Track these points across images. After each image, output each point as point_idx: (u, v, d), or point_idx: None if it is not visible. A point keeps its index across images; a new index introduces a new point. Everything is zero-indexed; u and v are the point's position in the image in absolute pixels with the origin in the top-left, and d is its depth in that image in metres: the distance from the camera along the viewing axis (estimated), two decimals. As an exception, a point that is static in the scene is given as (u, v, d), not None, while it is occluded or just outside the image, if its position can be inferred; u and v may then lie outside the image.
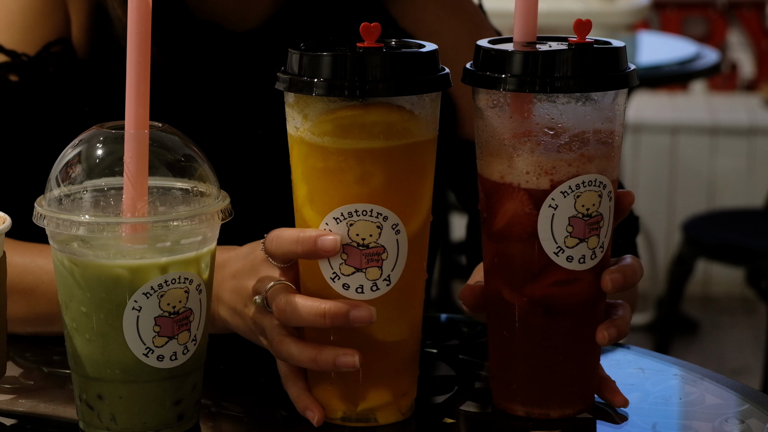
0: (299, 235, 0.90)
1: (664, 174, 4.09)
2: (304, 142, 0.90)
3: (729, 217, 3.13)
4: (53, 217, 0.87)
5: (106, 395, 0.89)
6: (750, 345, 3.67)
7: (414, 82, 0.88)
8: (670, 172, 4.09)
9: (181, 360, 0.89)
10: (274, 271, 0.94)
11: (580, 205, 0.90)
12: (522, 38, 0.92)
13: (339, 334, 0.91)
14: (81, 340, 0.89)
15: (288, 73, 0.89)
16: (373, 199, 0.88)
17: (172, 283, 0.88)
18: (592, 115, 0.90)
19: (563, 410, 0.94)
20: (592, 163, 0.90)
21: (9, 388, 0.99)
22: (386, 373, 0.92)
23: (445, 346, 1.07)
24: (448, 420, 0.94)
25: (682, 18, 4.54)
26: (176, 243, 0.88)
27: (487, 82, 0.90)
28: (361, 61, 0.87)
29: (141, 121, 0.88)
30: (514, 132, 0.90)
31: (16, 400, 0.97)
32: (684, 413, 0.95)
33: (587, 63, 0.89)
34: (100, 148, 0.90)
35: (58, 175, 0.90)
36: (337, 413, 0.92)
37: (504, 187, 0.91)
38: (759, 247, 2.87)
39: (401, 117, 0.89)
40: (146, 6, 0.88)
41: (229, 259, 0.99)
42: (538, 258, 0.91)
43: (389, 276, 0.90)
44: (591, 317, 0.93)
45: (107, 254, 0.87)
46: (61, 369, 1.01)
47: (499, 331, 0.94)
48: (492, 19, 1.31)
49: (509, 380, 0.94)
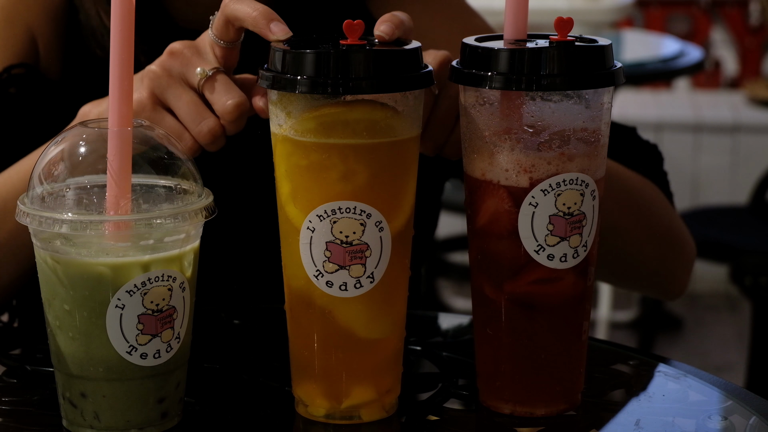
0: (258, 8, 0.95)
1: (649, 171, 4.09)
2: (287, 139, 0.90)
3: (713, 215, 3.14)
4: (36, 215, 0.87)
5: (89, 393, 0.89)
6: (734, 342, 3.68)
7: (397, 79, 0.88)
8: (654, 169, 4.09)
9: (165, 358, 0.89)
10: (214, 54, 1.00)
11: (561, 203, 0.90)
12: (512, 36, 0.92)
13: (322, 332, 0.91)
14: (64, 338, 0.89)
15: (271, 71, 0.89)
16: (357, 196, 0.88)
17: (156, 281, 0.88)
18: (575, 113, 0.89)
19: (548, 408, 0.94)
20: (573, 162, 0.90)
21: (-9, 386, 0.99)
22: (370, 371, 0.92)
23: (429, 344, 1.07)
24: (432, 417, 0.94)
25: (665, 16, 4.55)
26: (159, 241, 0.88)
27: (470, 79, 0.90)
28: (345, 58, 0.87)
29: (124, 119, 0.88)
30: (494, 129, 0.90)
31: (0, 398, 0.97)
32: (667, 410, 0.95)
33: (574, 61, 0.89)
34: (83, 146, 0.90)
35: (40, 173, 0.90)
36: (320, 411, 0.92)
37: (485, 184, 0.91)
38: (743, 245, 2.88)
39: (384, 114, 0.89)
40: (129, 4, 0.87)
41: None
42: (519, 255, 0.91)
43: (372, 273, 0.90)
44: (574, 316, 0.93)
45: (89, 252, 0.87)
46: (44, 367, 1.01)
47: (484, 329, 0.94)
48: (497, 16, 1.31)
49: (494, 378, 0.94)
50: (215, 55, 1.00)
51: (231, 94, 0.98)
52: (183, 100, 0.99)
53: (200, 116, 0.99)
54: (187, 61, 0.99)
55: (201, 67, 0.99)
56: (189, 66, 0.99)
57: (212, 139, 0.99)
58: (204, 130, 0.98)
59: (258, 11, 0.95)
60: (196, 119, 0.99)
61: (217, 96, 0.98)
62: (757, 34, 4.53)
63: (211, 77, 0.98)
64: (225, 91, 0.98)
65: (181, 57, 1.00)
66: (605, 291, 3.52)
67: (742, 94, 4.38)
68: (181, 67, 1.00)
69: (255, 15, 0.95)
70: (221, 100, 0.98)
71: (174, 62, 1.00)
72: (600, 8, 3.48)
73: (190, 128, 0.99)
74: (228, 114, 0.97)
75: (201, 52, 1.00)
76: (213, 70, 0.99)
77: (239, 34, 0.99)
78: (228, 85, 0.98)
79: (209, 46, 1.00)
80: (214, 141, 0.99)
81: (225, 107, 0.97)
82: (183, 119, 0.99)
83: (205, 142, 0.99)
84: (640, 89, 4.40)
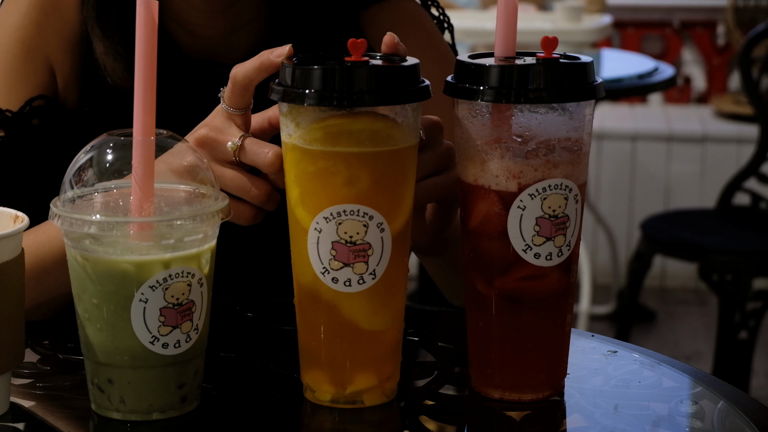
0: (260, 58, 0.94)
1: (625, 178, 4.09)
2: (296, 148, 0.89)
3: (683, 217, 3.14)
4: (67, 217, 0.87)
5: (115, 379, 0.89)
6: (702, 333, 3.68)
7: (397, 93, 0.88)
8: (630, 176, 4.10)
9: (184, 347, 0.89)
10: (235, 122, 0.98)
11: (547, 206, 0.90)
12: (502, 53, 0.92)
13: (328, 324, 0.90)
14: (92, 329, 0.89)
15: (282, 85, 0.89)
16: (360, 200, 0.88)
17: (176, 277, 0.87)
18: (559, 124, 0.89)
19: (534, 394, 0.93)
20: (557, 169, 0.89)
21: (27, 373, 0.98)
22: (372, 359, 0.91)
23: (425, 335, 1.07)
24: (428, 402, 0.93)
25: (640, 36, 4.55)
26: (179, 240, 0.87)
27: (464, 93, 0.90)
28: (349, 73, 0.87)
29: (148, 129, 0.87)
30: (485, 139, 0.90)
31: (34, 384, 0.96)
32: (643, 395, 0.94)
33: (559, 76, 0.88)
34: (110, 153, 0.90)
35: (71, 178, 0.89)
36: (326, 396, 0.92)
37: (477, 189, 0.91)
38: (710, 245, 2.87)
39: (385, 125, 0.89)
40: (153, 22, 0.87)
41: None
42: (508, 254, 0.90)
43: (374, 270, 0.89)
44: (558, 309, 0.92)
45: (115, 251, 0.87)
46: (74, 355, 1.01)
47: (476, 321, 0.93)
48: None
49: (485, 366, 0.93)
50: (236, 124, 0.97)
51: (265, 149, 0.95)
52: (227, 178, 0.96)
53: (247, 185, 0.97)
54: (215, 143, 0.97)
55: (230, 141, 0.96)
56: (218, 146, 0.97)
57: (267, 198, 0.97)
58: (256, 193, 0.96)
59: (259, 58, 0.94)
60: (245, 188, 0.97)
61: (254, 157, 0.95)
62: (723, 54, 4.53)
63: (241, 145, 0.96)
64: (259, 150, 0.95)
65: (209, 142, 0.97)
66: (586, 287, 3.51)
67: (710, 108, 4.38)
68: (212, 152, 0.97)
69: (259, 60, 0.94)
70: (260, 159, 0.95)
71: (205, 150, 0.97)
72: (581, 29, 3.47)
73: (245, 198, 0.97)
74: (271, 167, 0.95)
75: (222, 128, 0.97)
76: (240, 138, 0.96)
77: (250, 99, 0.97)
78: (258, 144, 0.96)
79: (227, 119, 0.98)
80: (269, 199, 0.97)
81: (266, 162, 0.95)
82: (236, 194, 0.97)
83: (261, 203, 0.97)
84: (618, 103, 4.40)
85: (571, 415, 0.92)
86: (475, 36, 3.48)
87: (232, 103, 0.97)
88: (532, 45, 0.93)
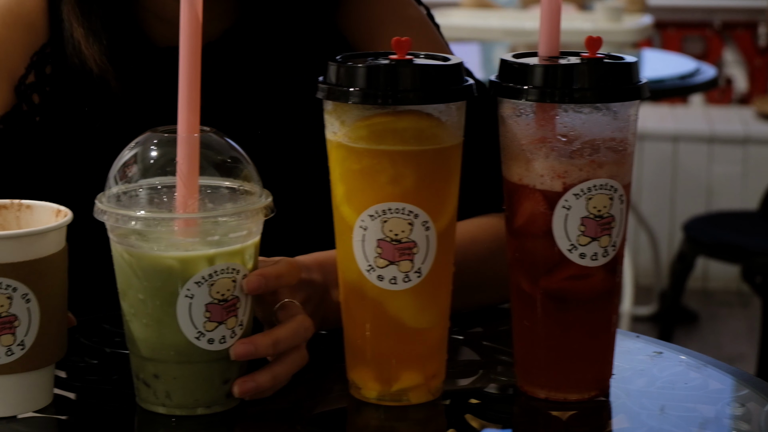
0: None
1: (666, 178, 4.07)
2: (341, 146, 0.89)
3: (726, 219, 3.12)
4: (112, 213, 0.87)
5: (161, 374, 0.89)
6: (745, 335, 3.65)
7: (441, 91, 0.88)
8: (671, 176, 4.07)
9: (229, 343, 0.89)
10: None
11: (592, 206, 0.89)
12: (546, 53, 0.91)
13: (374, 321, 0.91)
14: (138, 324, 0.89)
15: (327, 83, 0.89)
16: (405, 198, 0.88)
17: (222, 273, 0.87)
18: (604, 124, 0.89)
19: (580, 394, 0.93)
20: (602, 169, 0.89)
21: (75, 366, 0.99)
22: (417, 357, 0.91)
23: (470, 333, 1.07)
24: (473, 401, 0.93)
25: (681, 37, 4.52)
26: (224, 236, 0.88)
27: (508, 92, 0.89)
28: (393, 72, 0.87)
29: (192, 126, 0.88)
30: (530, 138, 0.89)
31: (82, 376, 0.97)
32: (689, 397, 0.94)
33: (603, 76, 0.88)
34: (155, 150, 0.90)
35: (116, 174, 0.90)
36: (372, 393, 0.92)
37: (522, 188, 0.90)
38: (753, 246, 2.85)
39: (430, 123, 0.89)
40: (197, 19, 0.87)
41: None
42: (553, 254, 0.90)
43: (420, 268, 0.89)
44: (604, 310, 0.92)
45: (160, 246, 0.87)
46: (121, 349, 1.01)
47: (521, 320, 0.93)
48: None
49: (531, 365, 0.93)
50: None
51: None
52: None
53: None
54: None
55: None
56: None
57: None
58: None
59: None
60: (297, 338, 0.93)
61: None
62: (765, 55, 4.49)
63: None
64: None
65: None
66: (628, 288, 3.50)
67: (751, 109, 4.34)
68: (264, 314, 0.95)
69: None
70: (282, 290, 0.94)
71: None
72: (622, 29, 3.46)
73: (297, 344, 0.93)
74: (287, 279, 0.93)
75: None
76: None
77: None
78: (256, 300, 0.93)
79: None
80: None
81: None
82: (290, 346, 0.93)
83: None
84: (659, 104, 4.37)
85: (617, 415, 0.91)
86: (515, 35, 3.48)
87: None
88: (573, 45, 0.93)
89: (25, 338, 0.88)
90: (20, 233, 0.87)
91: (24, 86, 1.17)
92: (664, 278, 3.71)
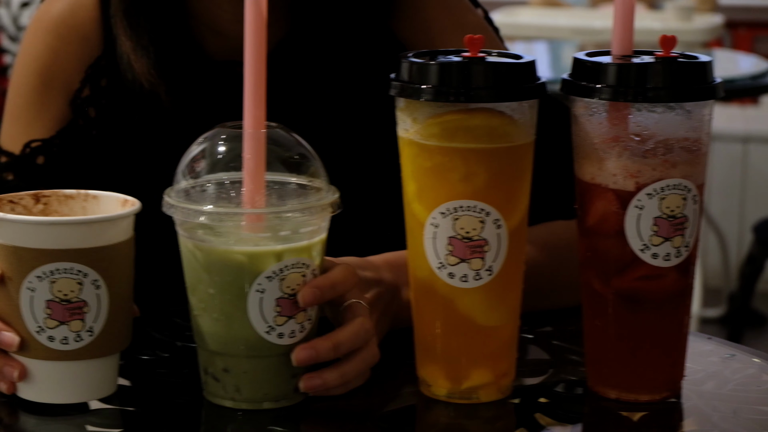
0: None
1: (736, 180, 4.02)
2: (413, 143, 0.89)
3: (796, 220, 3.08)
4: (180, 207, 0.88)
5: (231, 369, 0.90)
6: (815, 339, 3.59)
7: (514, 89, 0.88)
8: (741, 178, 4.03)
9: (299, 337, 0.89)
10: None
11: (665, 206, 0.88)
12: (619, 51, 0.91)
13: (444, 319, 0.90)
14: (208, 319, 0.90)
15: (399, 80, 0.89)
16: (477, 196, 0.88)
17: (292, 268, 0.88)
18: (677, 123, 0.88)
19: (652, 395, 0.92)
20: (676, 169, 0.88)
21: (146, 359, 1.00)
22: (488, 355, 0.91)
23: (540, 332, 1.06)
24: (543, 400, 0.93)
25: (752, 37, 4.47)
26: (293, 232, 0.88)
27: (581, 90, 0.89)
28: (466, 69, 0.87)
29: (259, 122, 0.88)
30: (603, 137, 0.89)
31: (153, 369, 0.98)
32: (762, 400, 0.93)
33: (678, 75, 0.87)
34: (222, 145, 0.90)
35: (184, 169, 0.91)
36: (442, 391, 0.92)
37: (594, 188, 0.90)
38: (825, 249, 2.81)
39: (502, 121, 0.88)
40: (261, 17, 0.87)
41: None
42: (625, 254, 0.89)
43: (491, 266, 0.89)
44: (676, 310, 0.91)
45: (228, 240, 0.87)
46: (191, 343, 1.02)
47: (592, 320, 0.93)
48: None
49: (602, 365, 0.93)
50: None
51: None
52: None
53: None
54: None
55: None
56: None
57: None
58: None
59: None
60: (358, 340, 0.92)
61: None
62: (838, 55, 4.42)
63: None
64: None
65: None
66: (696, 289, 3.46)
67: (823, 111, 4.28)
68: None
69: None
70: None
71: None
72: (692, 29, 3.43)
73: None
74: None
75: None
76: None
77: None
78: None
79: None
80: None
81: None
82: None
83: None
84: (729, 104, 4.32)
85: (689, 417, 0.91)
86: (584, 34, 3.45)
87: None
88: (643, 44, 0.92)
89: (94, 325, 0.89)
90: (92, 219, 0.89)
91: (80, 100, 1.17)
92: (733, 280, 3.67)
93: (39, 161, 1.17)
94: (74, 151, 1.18)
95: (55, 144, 1.17)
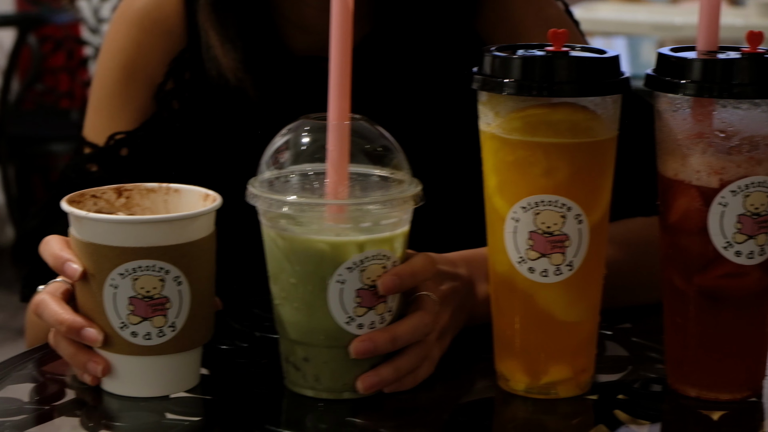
0: None
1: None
2: (495, 137, 0.89)
3: None
4: (264, 197, 0.89)
5: (311, 358, 0.90)
6: None
7: (597, 84, 0.87)
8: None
9: (378, 328, 0.90)
10: None
11: (749, 204, 0.87)
12: (705, 47, 0.90)
13: (524, 314, 0.90)
14: (289, 308, 0.90)
15: (482, 74, 0.89)
16: (559, 190, 0.87)
17: (373, 259, 0.88)
18: (763, 120, 0.87)
19: (732, 394, 0.91)
20: (761, 166, 0.87)
21: (226, 349, 1.01)
22: (567, 351, 0.91)
23: (619, 329, 1.06)
24: (622, 396, 0.92)
25: (837, 34, 4.37)
26: (375, 224, 0.89)
27: (665, 86, 0.88)
28: (549, 63, 0.86)
29: (343, 113, 0.88)
30: (687, 133, 0.88)
31: (232, 359, 0.99)
32: None
33: (764, 71, 0.86)
34: (306, 137, 0.91)
35: (268, 160, 0.91)
36: (520, 385, 0.92)
37: (677, 184, 0.89)
38: None
39: (585, 116, 0.88)
40: (347, 9, 0.88)
41: None
42: (708, 251, 0.88)
43: (572, 262, 0.89)
44: (758, 309, 0.90)
45: (310, 230, 0.88)
46: (270, 334, 1.03)
47: (673, 317, 0.92)
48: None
49: (682, 363, 0.92)
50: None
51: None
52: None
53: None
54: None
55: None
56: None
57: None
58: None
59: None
60: (417, 333, 0.92)
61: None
62: None
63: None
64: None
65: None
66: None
67: None
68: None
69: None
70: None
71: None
72: (774, 25, 3.37)
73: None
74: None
75: None
76: None
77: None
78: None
79: None
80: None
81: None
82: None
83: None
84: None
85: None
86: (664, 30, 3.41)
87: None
88: (724, 40, 0.91)
89: (176, 320, 0.90)
90: (173, 217, 0.90)
91: (163, 93, 1.19)
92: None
93: (123, 153, 1.18)
94: (157, 143, 1.19)
95: (138, 136, 1.19)
